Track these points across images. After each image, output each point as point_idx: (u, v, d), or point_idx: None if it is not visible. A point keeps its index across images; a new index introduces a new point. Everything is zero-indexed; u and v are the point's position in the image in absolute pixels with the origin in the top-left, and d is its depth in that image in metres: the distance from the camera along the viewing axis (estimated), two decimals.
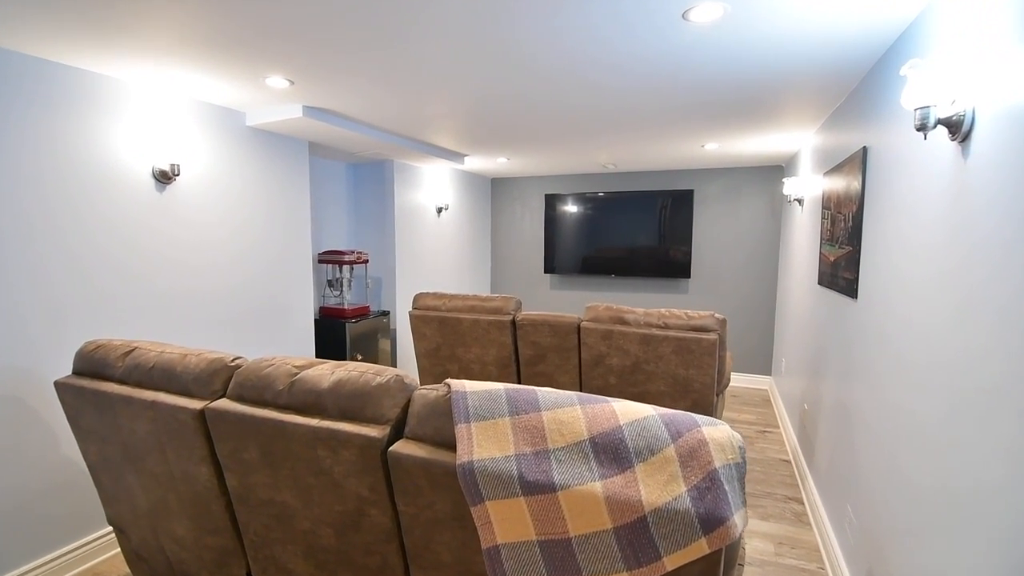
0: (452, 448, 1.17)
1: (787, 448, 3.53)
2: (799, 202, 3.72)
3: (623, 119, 3.01)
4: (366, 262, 4.01)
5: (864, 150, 2.09)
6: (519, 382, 3.20)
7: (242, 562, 1.64)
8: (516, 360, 3.17)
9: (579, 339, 2.93)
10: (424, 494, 1.18)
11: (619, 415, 1.08)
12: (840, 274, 2.40)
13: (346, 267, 3.96)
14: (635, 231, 5.26)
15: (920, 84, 1.30)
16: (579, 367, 3.00)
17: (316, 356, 3.78)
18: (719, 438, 1.00)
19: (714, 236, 5.10)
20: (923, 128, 1.31)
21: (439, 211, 4.91)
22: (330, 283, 4.02)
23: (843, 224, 2.39)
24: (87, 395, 1.69)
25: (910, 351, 1.53)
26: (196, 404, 1.49)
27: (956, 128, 1.28)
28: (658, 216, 5.17)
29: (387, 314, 4.19)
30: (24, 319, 2.04)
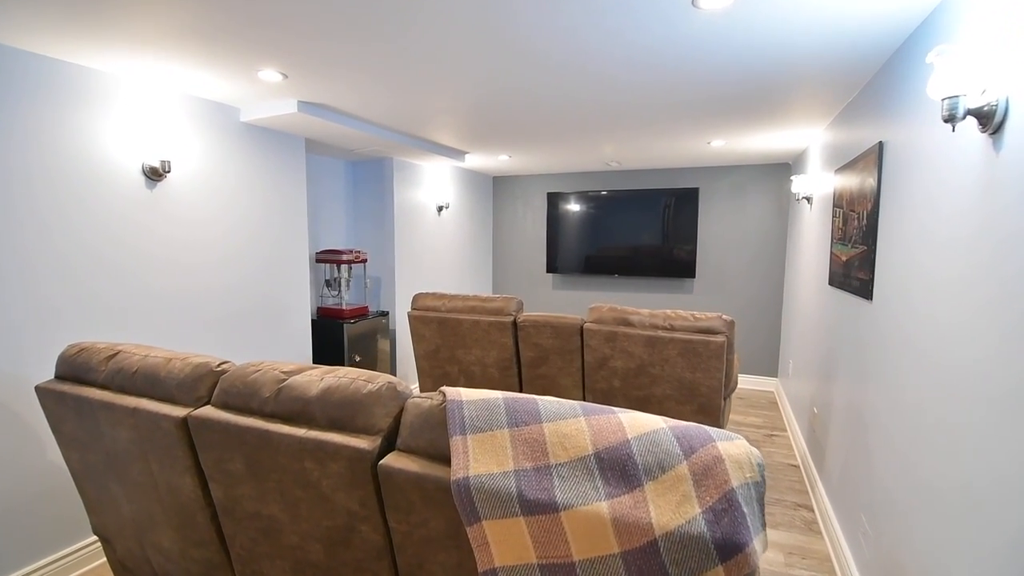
0: (447, 462, 1.09)
1: (795, 453, 3.44)
2: (807, 200, 3.63)
3: (629, 113, 2.92)
4: (364, 261, 3.93)
5: (880, 145, 2.00)
6: (520, 385, 3.12)
7: None
8: (517, 362, 3.09)
9: (582, 341, 2.85)
10: (417, 511, 1.11)
11: (626, 428, 1.00)
12: (853, 274, 2.31)
13: (344, 266, 3.89)
14: (639, 230, 5.17)
15: (948, 72, 1.22)
16: (582, 370, 2.92)
17: (313, 357, 3.71)
18: (736, 454, 0.92)
19: (719, 235, 5.01)
20: (951, 119, 1.22)
21: (439, 210, 4.84)
22: (328, 283, 3.95)
23: (856, 223, 2.30)
24: (68, 401, 1.62)
25: (934, 351, 1.45)
26: (179, 411, 1.41)
27: (987, 119, 1.20)
28: (662, 215, 5.08)
29: (386, 314, 4.11)
30: (10, 320, 1.97)
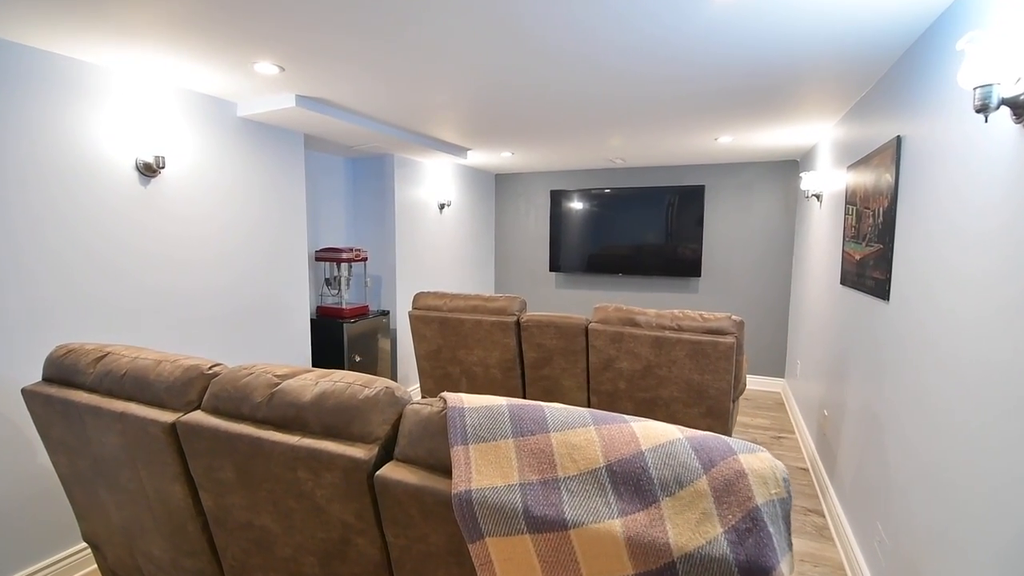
0: (448, 473, 1.02)
1: (804, 456, 3.37)
2: (817, 198, 3.55)
3: (636, 107, 2.85)
4: (365, 260, 3.87)
5: (898, 140, 1.93)
6: (524, 386, 3.06)
7: None
8: (520, 363, 3.02)
9: (587, 341, 2.78)
10: (416, 525, 1.04)
11: (640, 438, 0.93)
12: (868, 274, 2.24)
13: (344, 265, 3.82)
14: (643, 228, 5.10)
15: (981, 60, 1.14)
16: (587, 371, 2.85)
17: (313, 357, 3.65)
18: (760, 469, 0.85)
19: (725, 234, 4.93)
20: (984, 109, 1.15)
21: (441, 207, 4.77)
22: (327, 282, 3.89)
23: (871, 220, 2.23)
24: (55, 404, 1.56)
25: (961, 350, 1.37)
26: (168, 417, 1.35)
27: (1022, 109, 1.13)
28: (667, 213, 5.01)
29: (387, 314, 4.05)
30: (2, 319, 1.91)
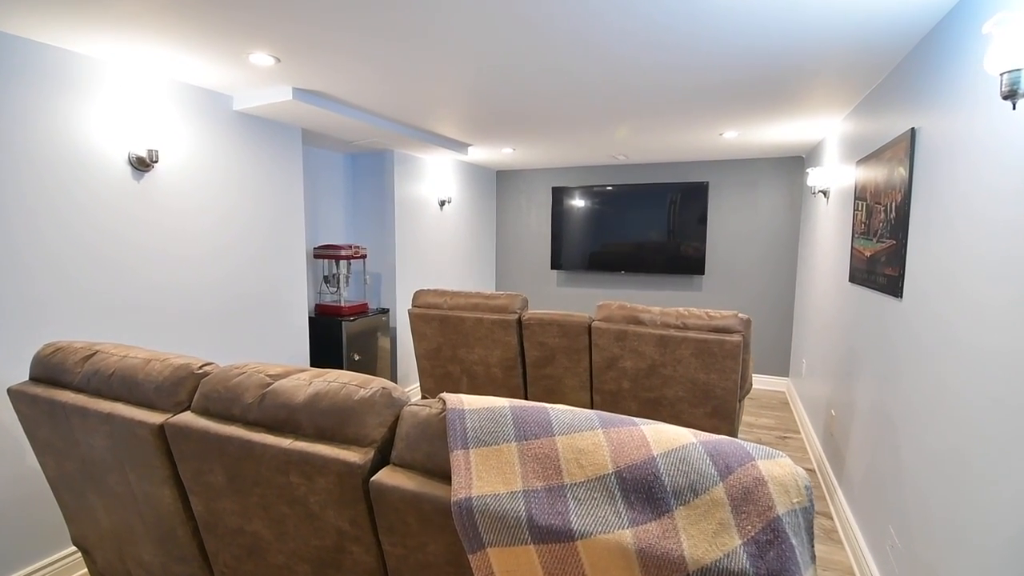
0: (447, 479, 0.97)
1: (811, 456, 3.32)
2: (824, 194, 3.49)
3: (641, 99, 2.79)
4: (364, 257, 3.81)
5: (912, 132, 1.87)
6: (525, 385, 3.00)
7: None
8: (522, 362, 2.97)
9: (590, 340, 2.73)
10: (413, 533, 0.99)
11: (651, 443, 0.88)
12: (879, 271, 2.18)
13: (343, 262, 3.77)
14: (646, 225, 5.04)
15: (1009, 44, 1.09)
16: (590, 370, 2.80)
17: (311, 356, 3.60)
18: (780, 476, 0.80)
19: (729, 231, 4.87)
20: (1012, 95, 1.09)
21: (442, 204, 4.71)
22: (326, 279, 3.83)
23: (883, 216, 2.17)
24: (41, 404, 1.51)
25: (985, 342, 1.32)
26: (156, 418, 1.30)
27: None
28: (670, 210, 4.94)
29: (386, 312, 3.99)
30: None
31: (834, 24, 1.77)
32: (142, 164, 2.27)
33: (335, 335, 3.57)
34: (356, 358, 3.67)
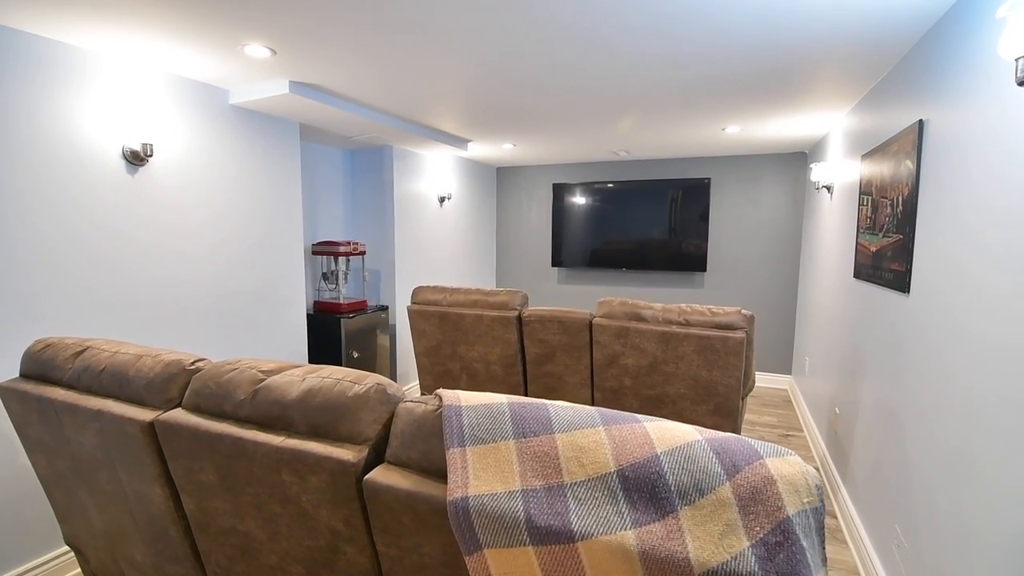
0: (443, 478, 0.94)
1: (814, 455, 3.28)
2: (828, 189, 3.45)
3: (643, 92, 2.75)
4: (363, 254, 3.78)
5: (920, 124, 1.83)
6: (525, 383, 2.97)
7: None
8: (522, 359, 2.93)
9: (591, 337, 2.70)
10: (408, 534, 0.96)
11: (655, 440, 0.85)
12: (885, 266, 2.15)
13: (342, 259, 3.74)
14: (647, 222, 5.00)
15: None
16: (591, 367, 2.76)
17: (309, 353, 3.57)
18: (790, 475, 0.76)
19: (731, 227, 4.83)
20: None
21: (441, 201, 4.68)
22: (325, 276, 3.80)
23: (889, 210, 2.13)
24: (31, 401, 1.48)
25: (995, 335, 1.28)
26: (146, 415, 1.27)
27: None
28: (672, 206, 4.90)
29: (385, 309, 3.96)
30: None
31: (841, 15, 1.73)
32: (136, 158, 2.23)
33: (334, 332, 3.54)
34: (355, 355, 3.64)
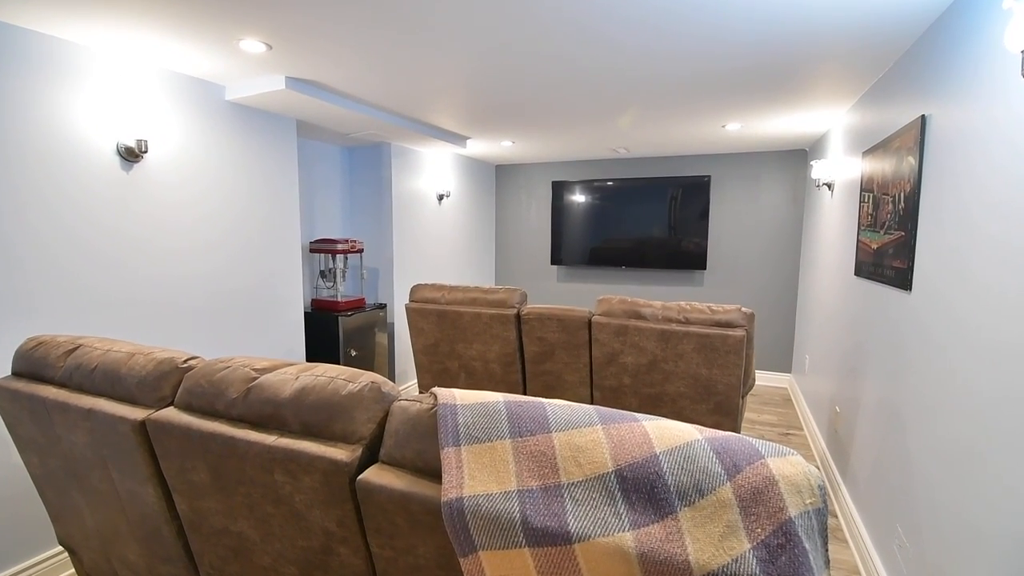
0: (438, 478, 0.92)
1: (814, 453, 3.27)
2: (828, 187, 3.43)
3: (643, 88, 2.72)
4: (360, 251, 3.76)
5: (922, 119, 1.81)
6: (524, 381, 2.95)
7: None
8: (521, 357, 2.92)
9: (590, 335, 2.68)
10: (402, 535, 0.94)
11: (653, 439, 0.83)
12: (886, 263, 2.13)
13: (340, 257, 3.72)
14: (647, 220, 4.98)
15: None
16: (590, 365, 2.75)
17: (307, 351, 3.55)
18: (792, 475, 0.74)
19: (731, 225, 4.81)
20: None
21: (440, 198, 4.65)
22: (323, 274, 3.78)
23: (891, 207, 2.11)
24: (22, 400, 1.46)
25: (1000, 332, 1.26)
26: (138, 414, 1.25)
27: None
28: (672, 204, 4.88)
29: (384, 307, 3.94)
30: None
31: (843, 10, 1.71)
32: (131, 154, 2.21)
33: (331, 331, 3.53)
34: (353, 354, 3.62)
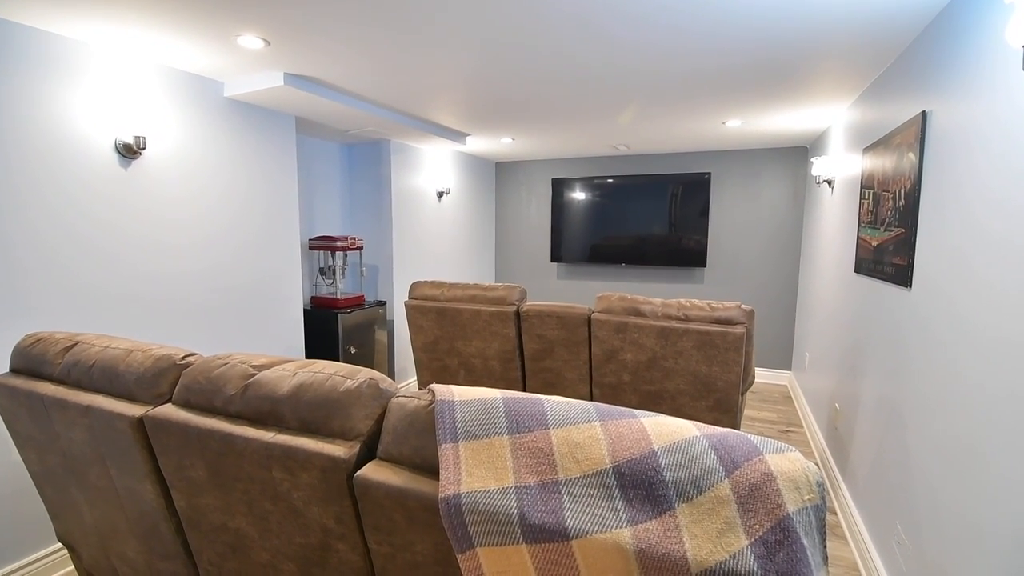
0: (435, 474, 0.92)
1: (814, 450, 3.27)
2: (828, 183, 3.42)
3: (643, 84, 2.71)
4: (360, 248, 3.75)
5: (923, 115, 1.80)
6: (524, 378, 2.95)
7: None
8: (520, 355, 2.91)
9: (590, 332, 2.67)
10: (400, 532, 0.94)
11: (652, 436, 0.82)
12: (886, 260, 2.12)
13: (339, 254, 3.71)
14: (647, 217, 4.97)
15: None
16: (589, 362, 2.74)
17: (306, 349, 3.55)
18: (790, 471, 0.74)
19: (731, 223, 4.80)
20: None
21: (440, 196, 4.65)
22: (322, 271, 3.78)
23: (891, 204, 2.10)
24: (20, 397, 1.46)
25: (1008, 337, 1.26)
26: (135, 410, 1.25)
27: None
28: (672, 201, 4.88)
29: (383, 304, 3.94)
30: None
31: (845, 6, 1.70)
32: (129, 151, 2.21)
33: (331, 328, 3.52)
34: (352, 351, 3.62)
